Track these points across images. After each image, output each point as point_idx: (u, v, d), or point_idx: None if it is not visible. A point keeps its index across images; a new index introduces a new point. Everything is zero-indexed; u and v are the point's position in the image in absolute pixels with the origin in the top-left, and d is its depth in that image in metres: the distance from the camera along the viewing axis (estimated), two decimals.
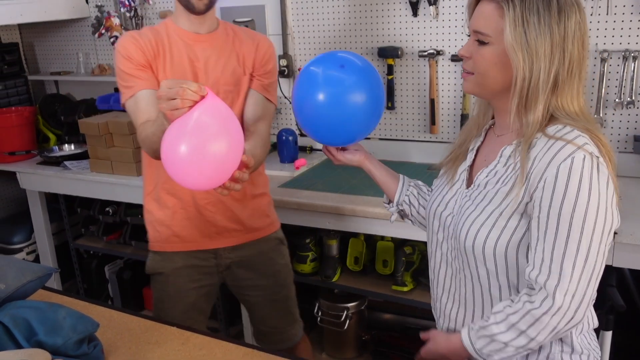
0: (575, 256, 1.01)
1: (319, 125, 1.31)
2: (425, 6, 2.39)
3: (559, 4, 1.03)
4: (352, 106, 1.27)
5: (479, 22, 1.09)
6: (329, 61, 1.31)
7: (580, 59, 1.06)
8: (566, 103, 1.07)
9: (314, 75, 1.29)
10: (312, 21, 2.63)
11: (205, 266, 1.80)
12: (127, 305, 3.00)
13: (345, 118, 1.27)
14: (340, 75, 1.27)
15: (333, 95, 1.26)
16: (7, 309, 1.11)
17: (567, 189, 1.00)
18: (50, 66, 3.52)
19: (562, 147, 1.02)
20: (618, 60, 2.12)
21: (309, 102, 1.28)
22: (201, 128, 1.13)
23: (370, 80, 1.30)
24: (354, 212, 2.12)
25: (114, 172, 2.64)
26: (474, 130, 1.25)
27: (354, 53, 1.36)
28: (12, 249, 3.15)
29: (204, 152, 1.13)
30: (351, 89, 1.26)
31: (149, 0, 3.00)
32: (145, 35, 1.63)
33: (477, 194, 1.14)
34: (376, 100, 1.31)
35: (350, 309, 2.41)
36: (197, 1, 1.57)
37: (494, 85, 1.10)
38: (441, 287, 1.26)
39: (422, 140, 2.56)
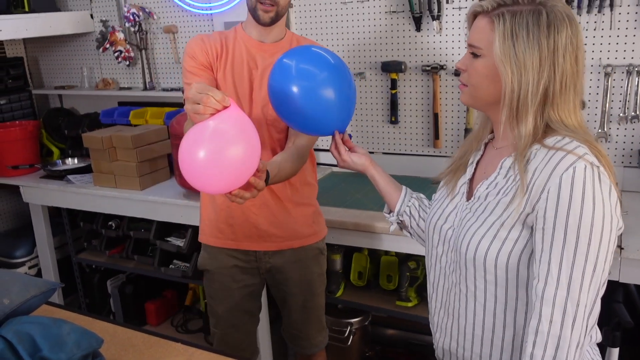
0: (584, 267, 1.00)
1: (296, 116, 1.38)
2: (429, 21, 2.40)
3: (549, 19, 1.05)
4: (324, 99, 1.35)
5: (473, 36, 1.12)
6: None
7: (574, 73, 1.07)
8: (565, 116, 1.08)
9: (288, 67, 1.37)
10: (316, 36, 2.64)
11: (248, 267, 1.86)
12: (129, 320, 2.98)
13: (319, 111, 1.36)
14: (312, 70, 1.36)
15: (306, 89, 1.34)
16: (11, 324, 1.10)
17: (572, 199, 1.00)
18: (55, 80, 3.54)
19: (562, 157, 1.03)
20: (622, 74, 2.12)
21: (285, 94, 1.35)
22: (218, 135, 1.17)
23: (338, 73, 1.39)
24: (357, 227, 2.11)
25: (117, 186, 2.64)
26: (474, 143, 1.26)
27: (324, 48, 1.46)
28: (14, 263, 3.14)
29: (220, 157, 1.16)
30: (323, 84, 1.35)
31: (153, 15, 3.02)
32: (212, 37, 1.73)
33: (478, 205, 1.15)
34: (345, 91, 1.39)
35: (353, 324, 2.39)
36: (263, 14, 1.65)
37: (487, 97, 1.12)
38: (439, 301, 1.25)
39: (425, 155, 2.56)
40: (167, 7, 3.00)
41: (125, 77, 3.26)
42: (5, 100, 3.28)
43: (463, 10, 2.34)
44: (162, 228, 2.72)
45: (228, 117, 1.19)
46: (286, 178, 1.67)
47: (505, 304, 1.12)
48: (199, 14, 2.92)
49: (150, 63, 3.11)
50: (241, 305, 1.89)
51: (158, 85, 3.13)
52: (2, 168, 2.99)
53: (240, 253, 1.84)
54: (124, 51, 3.08)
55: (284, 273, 1.86)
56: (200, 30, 2.95)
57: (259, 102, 1.72)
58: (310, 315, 1.93)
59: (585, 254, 1.00)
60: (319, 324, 1.98)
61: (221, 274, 1.85)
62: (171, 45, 3.03)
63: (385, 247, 2.15)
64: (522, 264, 1.08)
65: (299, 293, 1.88)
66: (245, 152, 1.20)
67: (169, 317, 3.08)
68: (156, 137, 2.67)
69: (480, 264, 1.11)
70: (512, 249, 1.08)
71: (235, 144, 1.18)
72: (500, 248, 1.08)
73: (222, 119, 1.19)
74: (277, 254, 1.84)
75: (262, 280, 1.91)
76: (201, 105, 1.18)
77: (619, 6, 2.08)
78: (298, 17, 2.67)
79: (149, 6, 3.03)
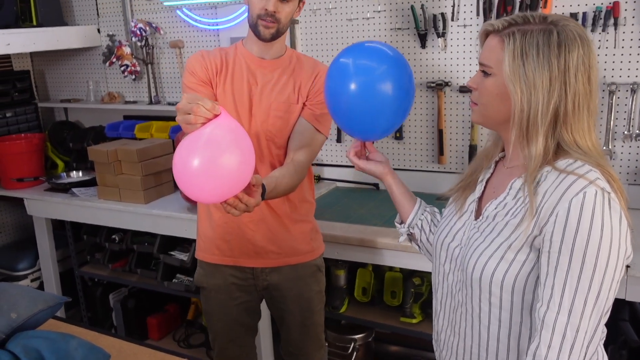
0: (587, 294, 0.99)
1: (352, 118, 1.34)
2: (434, 38, 2.42)
3: (560, 38, 1.04)
4: (381, 96, 1.29)
5: (484, 55, 1.12)
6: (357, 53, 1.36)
7: (587, 93, 1.06)
8: (579, 137, 1.07)
9: (345, 66, 1.33)
10: (322, 52, 2.66)
11: (244, 285, 1.85)
12: (130, 334, 2.97)
13: (376, 108, 1.30)
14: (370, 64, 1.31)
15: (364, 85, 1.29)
16: (18, 338, 1.10)
17: (580, 224, 0.99)
18: (61, 93, 3.56)
19: (573, 181, 1.02)
20: (626, 92, 2.13)
21: (343, 95, 1.31)
22: (213, 142, 1.18)
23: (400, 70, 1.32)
24: (362, 242, 2.11)
25: (121, 200, 2.65)
26: (485, 161, 1.25)
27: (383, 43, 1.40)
28: (17, 275, 3.13)
29: (214, 165, 1.16)
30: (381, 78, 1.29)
31: (159, 30, 3.04)
32: (212, 54, 1.74)
33: (486, 225, 1.14)
34: (405, 89, 1.33)
35: (357, 340, 2.38)
36: (264, 29, 1.66)
37: (497, 116, 1.12)
38: (446, 319, 1.24)
39: (430, 171, 2.56)
40: (174, 22, 3.03)
41: (131, 91, 3.28)
42: (11, 112, 3.29)
43: (468, 28, 2.36)
44: (166, 242, 2.72)
45: (221, 124, 1.20)
46: (284, 193, 1.66)
47: (509, 328, 1.11)
48: (205, 29, 2.95)
49: (156, 77, 3.14)
50: (239, 321, 1.88)
51: (163, 100, 3.15)
52: (7, 180, 3.00)
53: (237, 270, 1.83)
54: (130, 65, 3.11)
55: (282, 290, 1.85)
56: (206, 45, 2.97)
57: (258, 117, 1.72)
58: (308, 333, 1.91)
59: (589, 281, 0.99)
60: (318, 342, 1.95)
61: (218, 290, 1.84)
62: (177, 59, 3.05)
63: (390, 263, 2.15)
64: (529, 288, 1.07)
65: (297, 311, 1.86)
66: (240, 159, 1.20)
67: (171, 331, 3.07)
68: (161, 150, 2.68)
69: (486, 285, 1.10)
70: (519, 271, 1.07)
71: (230, 152, 1.18)
72: (507, 270, 1.08)
73: (215, 126, 1.19)
74: (274, 271, 1.83)
75: (259, 296, 1.90)
76: (192, 115, 1.19)
77: (622, 25, 2.09)
78: (304, 34, 2.69)
79: (156, 21, 3.06)
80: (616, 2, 2.08)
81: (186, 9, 2.96)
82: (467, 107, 2.42)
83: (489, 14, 2.28)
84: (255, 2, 1.64)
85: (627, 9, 2.09)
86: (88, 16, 3.30)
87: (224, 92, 1.72)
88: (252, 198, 1.34)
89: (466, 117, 2.44)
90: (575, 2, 2.16)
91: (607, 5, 2.10)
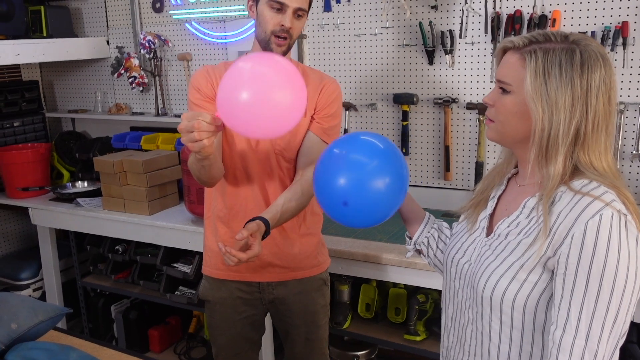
0: (604, 317, 0.98)
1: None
2: (442, 54, 2.42)
3: (582, 58, 1.03)
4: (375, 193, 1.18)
5: (502, 71, 1.10)
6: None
7: (607, 113, 1.05)
8: (595, 158, 1.05)
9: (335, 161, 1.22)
10: (329, 67, 2.67)
11: (250, 299, 1.83)
12: (131, 346, 2.94)
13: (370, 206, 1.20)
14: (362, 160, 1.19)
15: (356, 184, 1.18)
16: (18, 349, 1.09)
17: (596, 247, 0.97)
18: (68, 104, 3.58)
19: (589, 203, 1.00)
20: (635, 112, 2.12)
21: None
22: (257, 76, 1.15)
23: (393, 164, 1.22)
24: (366, 258, 2.09)
25: (126, 211, 2.64)
26: (497, 178, 1.24)
27: (377, 135, 1.28)
28: (19, 285, 3.13)
29: (266, 96, 1.14)
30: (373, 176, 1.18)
31: (168, 43, 3.06)
32: (217, 69, 1.72)
33: (498, 244, 1.12)
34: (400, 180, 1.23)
35: (360, 357, 2.35)
36: (277, 47, 1.64)
37: (514, 134, 1.10)
38: (455, 336, 1.22)
39: (436, 187, 2.55)
40: (182, 35, 3.05)
41: (138, 102, 3.29)
42: (19, 122, 3.31)
43: (475, 45, 2.36)
44: (169, 254, 2.71)
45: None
46: (291, 217, 1.65)
47: (520, 347, 1.09)
48: (214, 42, 2.96)
49: (164, 89, 3.15)
50: (243, 334, 1.86)
51: (170, 111, 3.16)
52: (12, 189, 3.01)
53: (243, 284, 1.82)
54: (138, 77, 3.12)
55: (287, 304, 1.84)
56: (214, 58, 2.98)
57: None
58: (313, 347, 1.89)
59: (606, 304, 0.97)
60: (322, 356, 1.93)
61: (223, 304, 1.82)
62: (185, 72, 3.06)
63: (394, 279, 2.13)
64: (540, 308, 1.05)
65: (302, 324, 1.85)
66: (292, 90, 1.18)
67: (172, 344, 3.05)
68: (167, 162, 2.68)
69: (497, 304, 1.08)
70: (531, 292, 1.05)
71: (280, 86, 1.16)
72: (519, 290, 1.06)
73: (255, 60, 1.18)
74: (280, 284, 1.82)
75: (264, 310, 1.88)
76: (195, 132, 1.19)
77: (631, 45, 2.09)
78: (312, 49, 2.70)
79: (165, 34, 3.08)
80: (625, 22, 2.08)
81: (195, 22, 2.98)
82: (474, 124, 2.42)
83: (497, 31, 2.28)
84: (268, 17, 1.61)
85: (635, 29, 2.08)
86: (98, 28, 3.33)
87: None
88: (252, 250, 1.36)
89: (473, 133, 2.43)
90: (584, 22, 2.16)
91: (616, 25, 2.10)
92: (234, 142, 1.71)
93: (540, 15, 2.19)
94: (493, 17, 2.28)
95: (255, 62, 1.20)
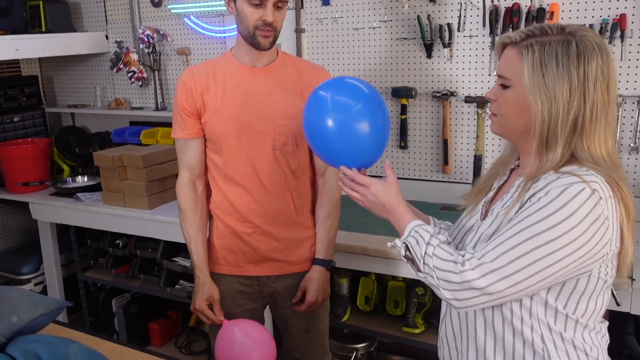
0: (516, 258, 1.00)
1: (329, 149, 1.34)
2: (440, 48, 2.42)
3: (579, 49, 1.05)
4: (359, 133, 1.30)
5: (502, 67, 1.13)
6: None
7: (606, 102, 1.06)
8: (593, 147, 1.07)
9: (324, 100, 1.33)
10: (328, 60, 2.67)
11: (250, 292, 1.85)
12: (132, 340, 2.96)
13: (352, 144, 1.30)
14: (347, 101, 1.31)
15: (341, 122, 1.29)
16: (18, 343, 1.10)
17: (548, 205, 1.00)
18: (68, 99, 3.58)
19: (566, 177, 1.03)
20: (632, 105, 2.12)
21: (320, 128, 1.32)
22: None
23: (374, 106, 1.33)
24: (365, 251, 2.10)
25: (126, 205, 2.65)
26: (500, 168, 1.26)
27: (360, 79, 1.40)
28: (20, 279, 3.14)
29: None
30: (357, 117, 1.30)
31: (167, 37, 3.06)
32: (198, 73, 1.74)
33: (489, 223, 1.15)
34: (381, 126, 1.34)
35: (359, 349, 2.37)
36: (264, 40, 1.64)
37: (516, 127, 1.13)
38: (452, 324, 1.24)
39: (434, 180, 2.56)
40: (181, 29, 3.05)
41: (138, 97, 3.30)
42: (18, 117, 3.32)
43: (474, 39, 2.36)
44: (169, 248, 2.72)
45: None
46: (336, 230, 1.85)
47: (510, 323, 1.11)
48: (212, 37, 2.96)
49: (163, 84, 3.15)
50: None
51: (169, 106, 3.16)
52: (13, 184, 3.02)
53: (243, 278, 1.83)
54: (137, 72, 3.12)
55: (286, 297, 1.85)
56: (213, 52, 2.98)
57: (263, 128, 1.70)
58: (313, 339, 1.91)
59: (533, 244, 1.00)
60: (322, 348, 1.95)
61: (223, 298, 1.83)
62: (184, 66, 3.06)
63: (393, 272, 2.14)
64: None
65: (301, 316, 1.86)
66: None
67: (173, 337, 3.06)
68: (166, 157, 2.68)
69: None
70: None
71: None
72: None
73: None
74: (280, 278, 1.83)
75: (263, 303, 1.90)
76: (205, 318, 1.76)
77: (629, 37, 2.09)
78: (310, 43, 2.70)
79: (164, 28, 3.08)
80: (623, 15, 2.08)
81: (194, 16, 2.98)
82: (473, 117, 2.42)
83: (495, 25, 2.28)
84: (249, 13, 1.62)
85: (633, 21, 2.08)
86: (96, 23, 3.33)
87: (221, 108, 1.70)
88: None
89: (471, 127, 2.44)
90: (581, 14, 2.16)
91: (614, 18, 2.10)
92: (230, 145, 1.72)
93: (538, 8, 2.19)
94: (491, 10, 2.28)
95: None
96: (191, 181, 1.79)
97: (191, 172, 1.79)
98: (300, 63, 1.80)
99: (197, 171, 1.79)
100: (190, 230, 1.79)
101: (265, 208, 1.75)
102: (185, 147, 1.78)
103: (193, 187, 1.80)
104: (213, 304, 1.79)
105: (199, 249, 1.78)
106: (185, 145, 1.78)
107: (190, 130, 1.75)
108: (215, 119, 1.71)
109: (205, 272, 1.78)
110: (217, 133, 1.72)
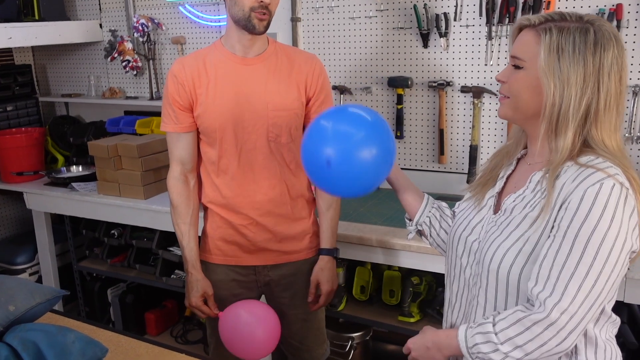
0: (583, 279, 1.01)
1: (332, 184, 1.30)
2: (436, 38, 2.42)
3: (596, 37, 1.05)
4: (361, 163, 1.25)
5: (517, 48, 1.13)
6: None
7: (618, 93, 1.07)
8: (606, 137, 1.08)
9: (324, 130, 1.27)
10: (323, 50, 2.66)
11: (246, 281, 1.85)
12: (128, 330, 2.96)
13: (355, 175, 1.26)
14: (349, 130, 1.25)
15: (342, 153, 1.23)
16: (16, 331, 1.10)
17: (590, 212, 1.00)
18: (62, 88, 3.56)
19: (591, 173, 1.03)
20: (628, 95, 2.13)
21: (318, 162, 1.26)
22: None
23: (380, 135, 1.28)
24: (361, 241, 2.11)
25: (121, 195, 2.65)
26: (505, 158, 1.26)
27: (364, 107, 1.34)
28: (15, 269, 3.13)
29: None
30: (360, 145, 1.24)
31: (162, 26, 3.04)
32: (189, 65, 1.71)
33: (504, 219, 1.15)
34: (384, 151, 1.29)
35: (355, 339, 2.38)
36: (259, 22, 1.62)
37: (527, 109, 1.12)
38: (461, 312, 1.25)
39: (430, 170, 2.56)
40: (176, 18, 3.02)
41: (132, 86, 3.28)
42: (12, 106, 3.29)
43: (470, 28, 2.35)
44: (165, 238, 2.72)
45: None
46: (338, 219, 1.87)
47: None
48: (207, 25, 2.94)
49: (158, 73, 3.13)
50: None
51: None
52: (7, 174, 3.00)
53: (239, 267, 1.84)
54: (132, 61, 3.10)
55: (282, 286, 1.86)
56: (208, 41, 2.97)
57: (256, 119, 1.69)
58: (310, 327, 1.92)
59: (587, 268, 1.00)
60: (321, 336, 1.97)
61: (219, 287, 1.84)
62: (179, 55, 3.04)
63: (389, 262, 2.15)
64: None
65: (299, 305, 1.87)
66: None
67: (169, 327, 3.07)
68: (161, 146, 2.67)
69: (504, 277, 1.11)
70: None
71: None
72: (525, 263, 1.08)
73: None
74: (275, 267, 1.83)
75: (259, 292, 1.90)
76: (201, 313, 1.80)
77: (625, 27, 2.09)
78: (306, 32, 2.69)
79: (158, 17, 3.06)
80: (619, 4, 2.08)
81: (188, 5, 2.96)
82: (469, 107, 2.42)
83: (491, 14, 2.28)
84: None
85: (630, 11, 2.09)
86: (90, 11, 3.30)
87: (214, 102, 1.68)
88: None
89: (467, 117, 2.44)
90: (578, 4, 2.16)
91: (610, 8, 2.10)
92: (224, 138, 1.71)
93: None
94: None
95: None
96: (183, 175, 1.78)
97: (183, 166, 1.78)
98: (292, 52, 1.78)
99: (189, 165, 1.78)
100: (183, 225, 1.78)
101: (260, 200, 1.75)
102: (178, 141, 1.76)
103: (185, 182, 1.79)
104: (207, 299, 1.79)
105: (192, 245, 1.78)
106: (178, 139, 1.76)
107: (183, 124, 1.73)
108: (209, 112, 1.69)
109: (198, 267, 1.78)
110: (211, 126, 1.70)
